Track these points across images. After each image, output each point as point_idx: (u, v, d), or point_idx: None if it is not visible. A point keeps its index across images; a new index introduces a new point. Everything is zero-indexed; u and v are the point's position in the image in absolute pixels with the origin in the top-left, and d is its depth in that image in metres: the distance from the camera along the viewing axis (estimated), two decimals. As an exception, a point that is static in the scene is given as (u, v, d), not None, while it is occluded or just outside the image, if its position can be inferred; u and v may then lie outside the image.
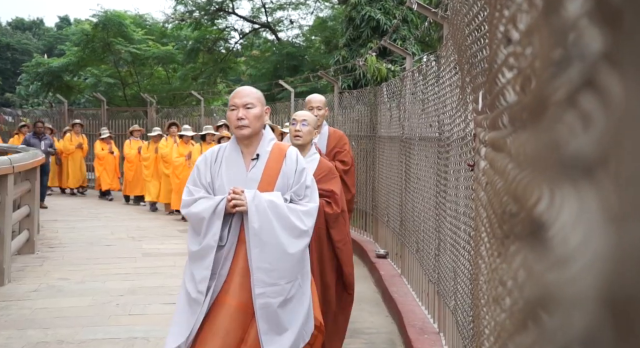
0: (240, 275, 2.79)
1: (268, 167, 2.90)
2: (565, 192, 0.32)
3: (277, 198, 2.83)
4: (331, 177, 3.71)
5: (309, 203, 2.92)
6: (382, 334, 4.67)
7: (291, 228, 2.82)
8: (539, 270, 0.33)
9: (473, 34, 1.90)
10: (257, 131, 2.90)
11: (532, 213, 0.41)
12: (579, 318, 0.27)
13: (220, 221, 2.79)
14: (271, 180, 2.89)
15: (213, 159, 2.96)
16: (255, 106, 2.88)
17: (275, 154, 2.93)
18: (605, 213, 0.26)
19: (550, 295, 0.30)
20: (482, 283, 1.64)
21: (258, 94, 2.96)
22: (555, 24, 0.35)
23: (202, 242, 2.80)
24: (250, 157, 2.92)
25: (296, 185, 2.91)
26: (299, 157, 2.98)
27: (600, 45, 0.30)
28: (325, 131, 4.87)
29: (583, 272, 0.26)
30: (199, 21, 20.80)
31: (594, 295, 0.25)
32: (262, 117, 2.92)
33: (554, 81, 0.34)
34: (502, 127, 1.12)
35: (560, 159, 0.32)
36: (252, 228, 2.76)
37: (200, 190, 2.90)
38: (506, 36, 0.98)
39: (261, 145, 2.93)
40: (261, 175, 2.88)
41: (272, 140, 2.99)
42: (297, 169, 2.92)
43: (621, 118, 0.27)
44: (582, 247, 0.27)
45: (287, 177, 2.90)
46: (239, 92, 2.95)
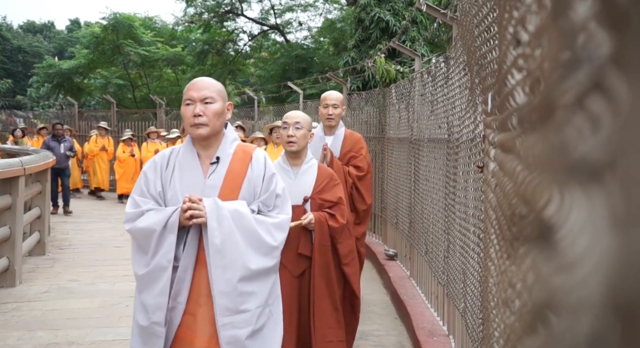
0: (202, 304, 2.37)
1: (230, 172, 2.48)
2: (573, 195, 0.32)
3: (243, 208, 2.41)
4: (333, 185, 3.40)
5: (279, 215, 2.51)
6: (391, 336, 4.66)
7: (259, 244, 2.41)
8: (547, 273, 0.33)
9: (482, 35, 1.89)
10: (217, 130, 2.47)
11: (541, 216, 0.41)
12: (586, 321, 0.27)
13: (174, 236, 2.35)
14: (234, 188, 2.46)
15: (164, 164, 2.51)
16: (215, 101, 2.44)
17: (239, 157, 2.51)
18: (613, 217, 0.26)
19: (558, 298, 0.30)
20: (492, 286, 1.63)
21: (219, 86, 2.52)
22: (564, 26, 0.35)
23: (151, 263, 2.35)
24: (209, 160, 2.49)
25: (264, 194, 2.50)
26: (267, 160, 2.56)
27: (608, 48, 0.30)
28: (341, 133, 4.40)
29: (590, 275, 0.26)
30: (208, 23, 20.88)
31: (600, 298, 0.25)
32: (223, 114, 2.48)
33: (562, 83, 0.34)
34: (511, 128, 1.12)
35: (568, 161, 0.32)
36: (213, 244, 2.33)
37: (149, 202, 2.45)
38: (515, 37, 0.98)
39: (222, 146, 2.50)
40: (222, 181, 2.45)
41: (235, 141, 2.57)
42: (265, 175, 2.52)
43: (629, 120, 0.27)
44: (590, 250, 0.27)
45: (254, 185, 2.49)
46: (195, 83, 2.49)
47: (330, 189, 3.38)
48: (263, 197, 2.51)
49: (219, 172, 2.48)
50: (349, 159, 4.31)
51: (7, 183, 6.09)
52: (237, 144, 2.57)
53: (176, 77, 22.05)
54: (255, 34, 22.08)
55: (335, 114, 4.36)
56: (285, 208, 2.57)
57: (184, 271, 2.36)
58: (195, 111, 2.42)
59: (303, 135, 3.34)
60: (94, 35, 20.27)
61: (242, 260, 2.37)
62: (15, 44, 38.16)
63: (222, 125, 2.51)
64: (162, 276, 2.35)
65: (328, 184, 3.38)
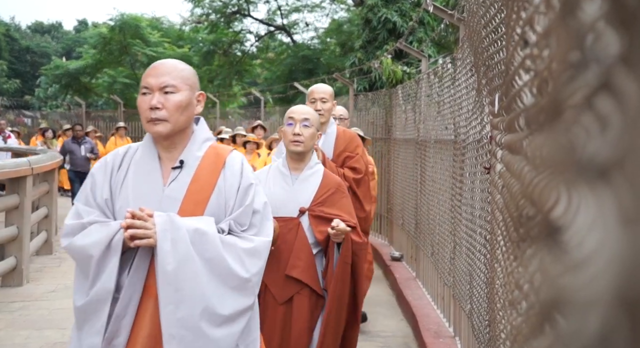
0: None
1: (197, 180, 1.96)
2: (581, 194, 0.32)
3: (207, 227, 1.88)
4: (339, 198, 2.87)
5: (256, 238, 1.97)
6: (397, 338, 4.65)
7: (226, 275, 1.89)
8: (556, 273, 0.33)
9: (490, 36, 1.89)
10: (180, 127, 1.95)
11: (549, 216, 0.41)
12: (595, 320, 0.27)
13: (117, 258, 1.86)
14: (200, 201, 1.95)
15: (116, 165, 2.01)
16: (179, 90, 1.94)
17: (209, 162, 2.00)
18: (621, 215, 0.26)
19: (566, 298, 0.30)
20: (498, 287, 1.63)
21: (186, 71, 2.00)
22: (573, 26, 0.35)
23: (91, 292, 1.86)
24: (171, 164, 1.98)
25: (238, 209, 1.97)
26: (245, 167, 2.05)
27: (617, 48, 0.30)
28: (332, 131, 3.81)
29: (599, 274, 0.26)
30: (215, 24, 20.93)
31: (609, 297, 0.25)
32: (189, 106, 1.97)
33: (571, 83, 0.34)
34: (518, 129, 1.12)
35: (576, 162, 0.32)
36: (164, 272, 1.82)
37: (93, 212, 1.94)
38: (523, 38, 0.98)
39: (189, 148, 2.00)
40: (185, 192, 1.94)
41: (208, 141, 2.06)
42: (241, 185, 1.99)
43: (637, 119, 0.27)
44: (599, 249, 0.27)
45: (226, 197, 1.97)
46: (155, 67, 1.99)
47: (335, 202, 2.84)
48: (236, 213, 1.96)
49: (182, 179, 1.96)
50: (344, 160, 3.74)
51: (15, 183, 6.13)
52: (210, 146, 2.05)
53: (183, 78, 22.08)
54: (261, 34, 22.12)
55: (325, 109, 3.73)
56: (265, 228, 2.01)
57: (126, 305, 1.85)
58: (151, 103, 1.90)
59: (311, 135, 2.83)
60: (101, 35, 20.37)
61: (203, 295, 1.84)
62: (23, 44, 38.36)
63: (188, 120, 1.99)
64: (102, 308, 1.85)
65: (333, 195, 2.84)
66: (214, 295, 1.87)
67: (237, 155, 2.08)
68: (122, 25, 19.66)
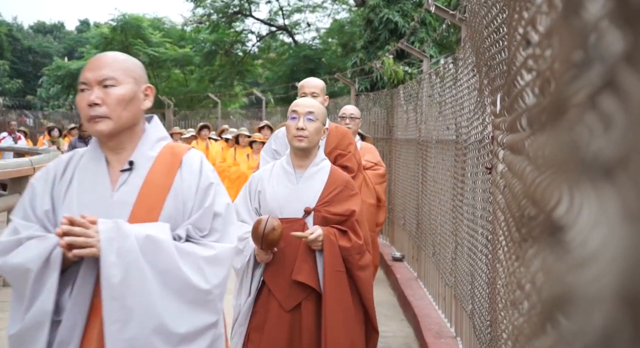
0: None
1: (149, 183, 1.76)
2: (584, 194, 0.31)
3: (161, 233, 1.68)
4: (348, 196, 2.70)
5: (217, 244, 1.77)
6: (398, 338, 4.65)
7: (183, 287, 1.68)
8: (558, 272, 0.33)
9: (491, 36, 1.89)
10: (125, 125, 1.75)
11: (551, 216, 0.41)
12: (599, 320, 0.27)
13: (56, 274, 1.63)
14: (154, 205, 1.74)
15: (59, 172, 1.80)
16: (120, 83, 1.73)
17: (164, 162, 1.80)
18: (625, 214, 0.26)
19: (569, 297, 0.30)
20: (500, 287, 1.63)
21: (128, 63, 1.80)
22: (576, 25, 0.35)
23: (26, 316, 1.63)
24: (120, 166, 1.78)
25: (197, 212, 1.77)
26: (204, 165, 1.85)
27: (620, 46, 0.30)
28: None
29: (602, 273, 0.26)
30: (216, 24, 20.95)
31: (613, 296, 0.25)
32: (134, 101, 1.76)
33: (574, 82, 0.34)
34: (520, 129, 1.12)
35: (580, 160, 0.32)
36: (109, 285, 1.60)
37: (32, 226, 1.72)
38: (525, 38, 0.98)
39: (140, 148, 1.80)
40: (136, 195, 1.73)
41: (162, 140, 1.87)
42: (200, 185, 1.80)
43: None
44: (602, 248, 0.27)
45: (183, 199, 1.77)
46: (94, 60, 1.78)
47: (344, 201, 2.68)
48: (195, 217, 1.76)
49: (133, 182, 1.75)
50: (335, 158, 3.54)
51: (17, 183, 6.14)
52: (165, 145, 1.85)
53: (184, 78, 22.14)
54: (263, 34, 22.14)
55: None
56: (228, 233, 1.82)
57: (70, 330, 1.62)
58: (90, 99, 1.70)
59: (316, 129, 2.65)
60: (102, 35, 20.41)
61: (155, 312, 1.63)
62: (25, 45, 38.42)
63: (134, 117, 1.77)
64: (39, 337, 1.61)
65: (341, 193, 2.68)
66: (169, 311, 1.64)
67: (195, 154, 1.88)
68: (124, 25, 19.70)
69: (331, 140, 3.54)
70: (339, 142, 3.56)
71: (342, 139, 3.58)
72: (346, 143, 3.58)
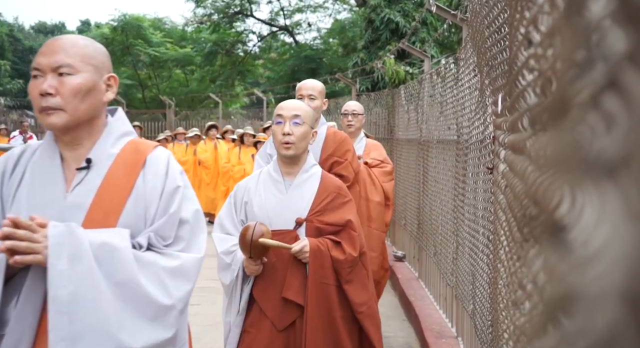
0: None
1: (108, 183, 1.57)
2: (587, 194, 0.31)
3: (119, 241, 1.49)
4: (341, 203, 2.51)
5: (183, 254, 1.59)
6: (399, 338, 4.65)
7: (141, 301, 1.50)
8: (560, 273, 0.33)
9: (493, 36, 1.89)
10: (83, 118, 1.56)
11: (553, 216, 0.41)
12: (601, 320, 0.27)
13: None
14: (112, 209, 1.56)
15: (8, 169, 1.61)
16: (78, 71, 1.54)
17: (126, 161, 1.62)
18: (628, 214, 0.26)
19: (571, 297, 0.30)
20: (501, 287, 1.63)
21: (89, 48, 1.60)
22: (578, 25, 0.35)
23: None
24: (76, 164, 1.59)
25: (161, 218, 1.59)
26: (172, 166, 1.66)
27: (623, 46, 0.30)
28: (321, 132, 3.38)
29: (605, 273, 0.26)
30: (217, 24, 20.96)
31: (616, 296, 0.25)
32: (93, 92, 1.57)
33: (576, 82, 0.34)
34: (522, 129, 1.12)
35: (582, 160, 0.32)
36: (56, 298, 1.41)
37: None
38: (527, 38, 0.98)
39: (100, 144, 1.61)
40: (93, 197, 1.55)
41: (126, 136, 1.68)
42: (165, 188, 1.61)
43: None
44: (605, 247, 0.27)
45: (146, 203, 1.58)
46: (48, 45, 1.57)
47: (337, 209, 2.49)
48: (158, 224, 1.58)
49: (90, 182, 1.56)
50: (331, 165, 3.30)
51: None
52: (129, 141, 1.66)
53: (185, 78, 22.15)
54: (264, 35, 22.15)
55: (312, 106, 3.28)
56: (196, 242, 1.64)
57: (14, 344, 1.45)
58: (42, 87, 1.51)
59: (304, 133, 2.47)
60: (103, 36, 20.42)
61: (108, 330, 1.43)
62: (26, 45, 38.44)
63: (93, 109, 1.58)
64: None
65: (333, 201, 2.50)
66: (124, 329, 1.45)
67: (162, 153, 1.68)
68: (125, 25, 19.73)
69: (328, 145, 3.35)
70: (336, 148, 3.35)
71: (340, 145, 3.37)
72: (343, 150, 3.36)
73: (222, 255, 2.47)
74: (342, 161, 3.32)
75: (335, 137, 3.40)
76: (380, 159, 4.50)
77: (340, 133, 3.54)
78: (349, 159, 3.35)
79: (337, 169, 3.28)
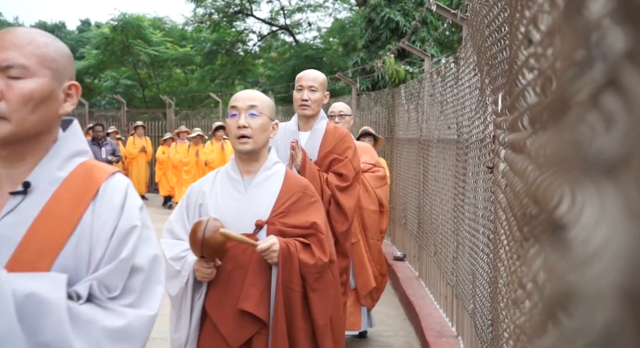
0: None
1: (48, 213, 1.28)
2: (586, 193, 0.31)
3: (50, 290, 1.19)
4: (307, 204, 2.28)
5: (130, 311, 1.28)
6: (399, 337, 4.66)
7: None
8: (560, 271, 0.33)
9: (493, 36, 1.89)
10: (31, 132, 1.28)
11: (553, 215, 0.41)
12: (601, 319, 0.27)
13: None
14: (48, 246, 1.26)
15: None
16: (33, 75, 1.27)
17: (73, 187, 1.32)
18: (628, 213, 0.26)
19: (571, 296, 0.30)
20: (501, 286, 1.63)
21: (48, 47, 1.31)
22: (578, 24, 0.35)
23: None
24: (11, 187, 1.29)
25: (108, 264, 1.28)
26: (130, 199, 1.35)
27: (623, 45, 0.30)
28: (321, 127, 3.20)
29: (605, 271, 0.26)
30: (217, 23, 20.96)
31: (616, 294, 0.25)
32: (49, 101, 1.30)
33: (576, 81, 0.34)
34: (522, 128, 1.12)
35: (582, 159, 0.32)
36: None
37: None
38: (527, 37, 0.98)
39: (44, 164, 1.32)
40: (26, 230, 1.25)
41: (79, 156, 1.38)
42: (118, 226, 1.31)
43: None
44: (605, 246, 0.27)
45: (92, 243, 1.29)
46: (3, 36, 1.29)
47: (302, 210, 2.25)
48: (104, 270, 1.27)
49: (25, 211, 1.27)
50: (330, 163, 3.13)
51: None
52: (81, 163, 1.36)
53: (185, 77, 22.15)
54: (264, 34, 22.14)
55: (313, 99, 3.14)
56: (149, 296, 1.32)
57: None
58: None
59: (262, 126, 2.23)
60: (103, 35, 20.41)
61: None
62: (26, 44, 38.43)
63: (45, 123, 1.30)
64: None
65: (298, 202, 2.26)
66: None
67: (120, 181, 1.36)
68: (124, 25, 19.70)
69: (328, 141, 3.16)
70: (336, 144, 3.16)
71: (340, 141, 3.18)
72: (344, 147, 3.17)
73: (171, 262, 2.19)
74: (342, 159, 3.16)
75: (335, 133, 3.20)
76: (372, 163, 4.31)
77: (341, 129, 3.34)
78: (349, 157, 3.18)
79: (337, 166, 3.14)
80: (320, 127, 3.22)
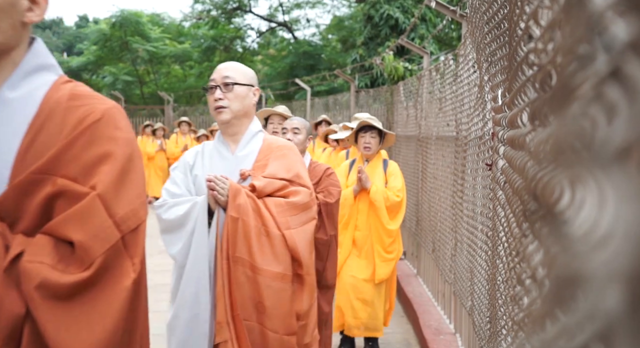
0: None
1: None
2: (588, 184, 0.31)
3: None
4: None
5: None
6: (397, 334, 4.66)
7: None
8: (562, 262, 0.33)
9: (492, 32, 1.88)
10: None
11: (554, 209, 0.41)
12: (600, 318, 0.27)
13: None
14: None
15: None
16: None
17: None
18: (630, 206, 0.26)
19: (579, 281, 0.29)
20: (500, 283, 1.63)
21: None
22: (580, 15, 0.35)
23: None
24: None
25: None
26: None
27: (625, 36, 0.30)
28: None
29: (613, 256, 0.25)
30: (216, 20, 20.93)
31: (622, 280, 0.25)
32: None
33: (578, 73, 0.34)
34: (521, 125, 1.12)
35: (584, 151, 0.31)
36: None
37: None
38: (527, 33, 0.97)
39: None
40: None
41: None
42: None
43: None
44: (604, 240, 0.27)
45: None
46: None
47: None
48: None
49: None
50: None
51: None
52: None
53: (184, 74, 22.12)
54: (263, 30, 22.12)
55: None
56: None
57: None
58: None
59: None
60: (101, 31, 20.38)
61: None
62: (24, 40, 38.32)
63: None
64: None
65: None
66: None
67: None
68: (123, 21, 19.67)
69: None
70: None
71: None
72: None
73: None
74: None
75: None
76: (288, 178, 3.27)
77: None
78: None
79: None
80: None
